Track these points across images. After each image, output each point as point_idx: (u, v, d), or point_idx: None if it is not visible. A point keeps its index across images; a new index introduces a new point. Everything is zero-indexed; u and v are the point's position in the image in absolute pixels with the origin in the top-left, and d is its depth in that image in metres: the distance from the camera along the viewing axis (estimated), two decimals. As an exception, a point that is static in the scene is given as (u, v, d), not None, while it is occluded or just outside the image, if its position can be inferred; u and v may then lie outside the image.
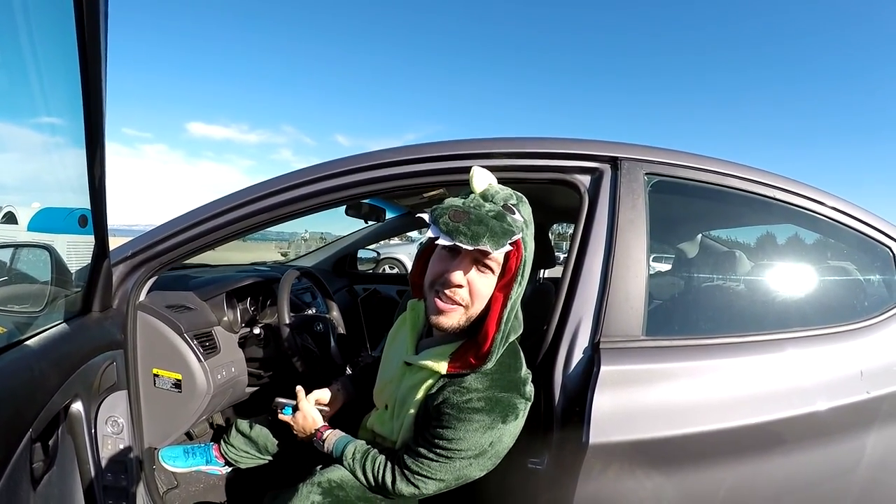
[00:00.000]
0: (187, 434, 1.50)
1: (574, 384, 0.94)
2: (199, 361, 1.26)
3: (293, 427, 1.07)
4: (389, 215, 2.49)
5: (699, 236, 1.59)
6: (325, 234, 3.53)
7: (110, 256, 1.01)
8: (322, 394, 1.14)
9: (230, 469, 1.37)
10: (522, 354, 0.93)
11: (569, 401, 0.93)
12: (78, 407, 0.89)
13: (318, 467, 0.95)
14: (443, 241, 0.79)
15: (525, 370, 0.91)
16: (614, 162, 1.05)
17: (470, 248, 0.78)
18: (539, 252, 0.99)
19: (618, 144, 1.07)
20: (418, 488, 0.88)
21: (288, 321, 1.48)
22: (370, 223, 2.41)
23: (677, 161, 1.06)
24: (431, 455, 0.85)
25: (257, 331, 1.52)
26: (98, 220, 0.88)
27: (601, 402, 0.87)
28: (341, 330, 1.78)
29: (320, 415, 1.07)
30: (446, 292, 0.86)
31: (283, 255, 3.17)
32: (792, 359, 0.96)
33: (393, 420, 0.97)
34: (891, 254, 1.08)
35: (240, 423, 1.31)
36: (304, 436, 1.06)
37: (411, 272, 1.00)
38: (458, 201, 0.84)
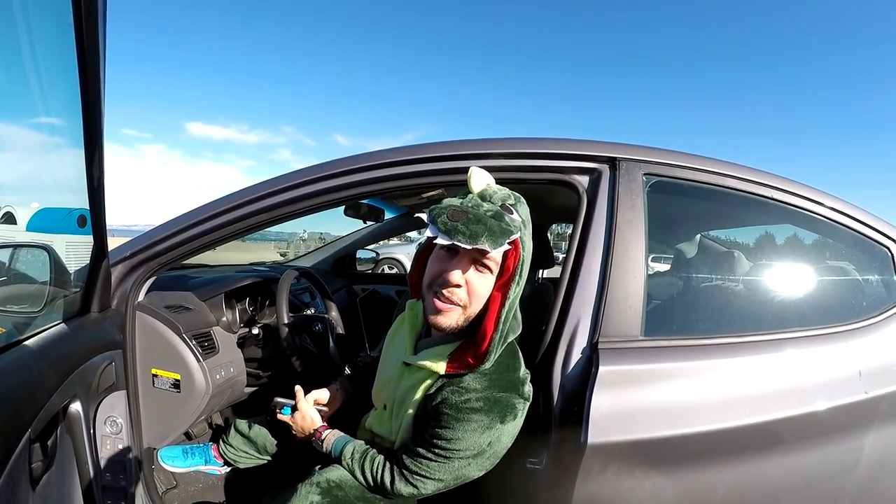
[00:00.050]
0: (186, 434, 1.50)
1: (573, 384, 0.94)
2: (198, 361, 1.26)
3: (292, 427, 1.07)
4: (388, 216, 2.50)
5: (698, 236, 1.59)
6: (324, 235, 3.53)
7: (109, 257, 1.01)
8: (321, 394, 1.14)
9: (229, 469, 1.37)
10: (521, 354, 0.93)
11: (567, 401, 0.94)
12: (77, 407, 0.89)
13: (317, 467, 0.95)
14: (441, 241, 0.79)
15: (523, 370, 0.91)
16: (613, 162, 1.05)
17: (468, 248, 0.78)
18: (538, 252, 0.99)
19: (616, 145, 1.07)
20: (417, 488, 0.88)
21: (287, 321, 1.48)
22: (369, 223, 2.41)
23: (676, 161, 1.06)
24: (430, 455, 0.85)
25: (256, 331, 1.52)
26: (97, 221, 0.88)
27: (600, 402, 0.87)
28: (340, 330, 1.78)
29: (319, 415, 1.07)
30: (444, 292, 0.86)
31: (282, 256, 3.17)
32: (790, 359, 0.97)
33: (392, 420, 0.97)
34: (889, 254, 1.08)
35: (239, 424, 1.31)
36: (303, 436, 1.05)
37: (410, 273, 1.00)
38: (457, 201, 0.84)
